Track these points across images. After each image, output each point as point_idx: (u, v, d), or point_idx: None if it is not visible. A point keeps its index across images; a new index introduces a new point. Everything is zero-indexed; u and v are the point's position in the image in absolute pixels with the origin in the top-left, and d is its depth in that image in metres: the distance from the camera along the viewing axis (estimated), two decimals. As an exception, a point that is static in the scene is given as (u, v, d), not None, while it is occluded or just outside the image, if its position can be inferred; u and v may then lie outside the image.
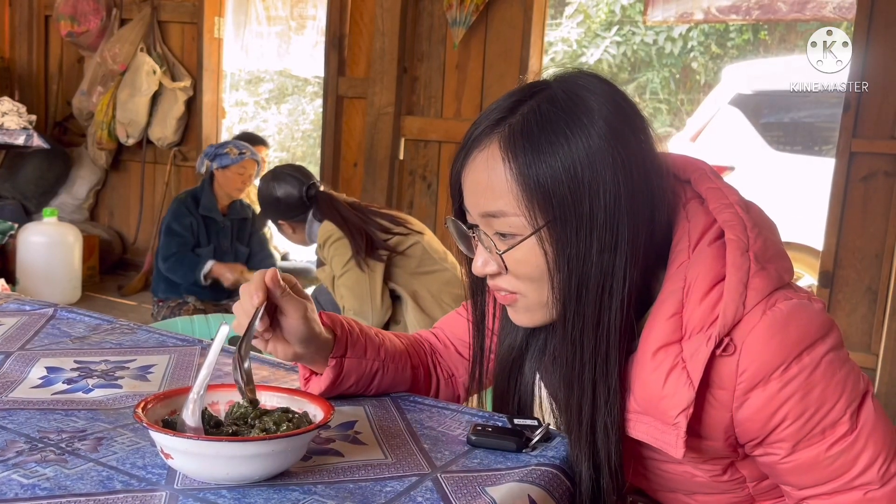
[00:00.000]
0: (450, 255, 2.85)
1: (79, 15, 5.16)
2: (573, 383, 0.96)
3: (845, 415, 0.90)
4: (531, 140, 0.91)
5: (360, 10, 4.40)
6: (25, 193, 5.33)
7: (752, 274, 0.90)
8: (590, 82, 0.95)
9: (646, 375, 0.92)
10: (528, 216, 0.92)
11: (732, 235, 0.93)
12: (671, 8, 3.84)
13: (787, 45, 7.99)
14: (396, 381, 1.13)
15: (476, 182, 0.96)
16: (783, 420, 0.90)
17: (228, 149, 3.77)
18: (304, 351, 1.00)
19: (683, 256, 0.95)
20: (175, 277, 3.72)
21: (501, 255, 0.95)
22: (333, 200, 2.82)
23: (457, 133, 4.14)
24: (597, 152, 0.90)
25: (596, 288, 0.92)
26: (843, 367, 0.91)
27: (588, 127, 0.91)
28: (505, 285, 0.98)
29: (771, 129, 5.72)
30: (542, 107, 0.93)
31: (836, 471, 0.91)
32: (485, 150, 0.94)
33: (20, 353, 1.23)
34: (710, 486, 1.03)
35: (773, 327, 0.88)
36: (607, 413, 0.95)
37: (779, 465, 0.93)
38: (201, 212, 3.77)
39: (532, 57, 3.93)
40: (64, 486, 0.81)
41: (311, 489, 0.84)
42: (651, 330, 0.93)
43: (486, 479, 0.89)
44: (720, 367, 0.90)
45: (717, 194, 0.98)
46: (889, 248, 3.26)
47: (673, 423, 0.90)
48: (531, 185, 0.91)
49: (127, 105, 5.03)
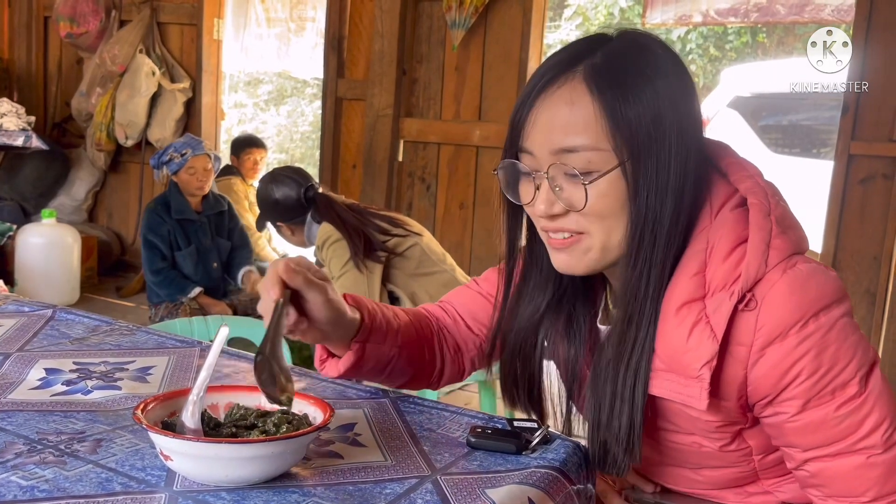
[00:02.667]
0: (448, 257, 2.85)
1: (78, 16, 5.16)
2: (630, 320, 0.97)
3: (855, 377, 0.92)
4: (619, 77, 0.93)
5: (360, 12, 4.40)
6: (24, 194, 5.33)
7: (775, 235, 0.94)
8: (651, 41, 0.98)
9: (670, 331, 0.94)
10: (614, 149, 0.93)
11: (755, 200, 0.97)
12: (669, 10, 3.84)
13: (786, 47, 8.00)
14: (407, 367, 1.13)
15: (553, 117, 0.95)
16: (797, 376, 0.91)
17: (170, 154, 3.73)
18: (333, 331, 1.00)
19: (706, 222, 0.97)
20: (161, 294, 3.73)
21: (586, 185, 0.95)
22: (332, 202, 2.82)
23: (456, 135, 4.14)
24: (675, 99, 0.94)
25: (664, 231, 0.95)
26: (856, 333, 0.94)
27: (666, 74, 0.95)
28: (571, 225, 0.98)
29: (769, 131, 5.73)
30: (623, 49, 0.96)
31: (841, 432, 0.93)
32: (566, 86, 0.95)
33: (19, 354, 1.22)
34: (718, 458, 1.05)
35: (793, 285, 0.91)
36: (642, 366, 0.96)
37: (787, 424, 0.95)
38: (175, 216, 3.75)
39: (531, 59, 3.93)
40: (63, 488, 0.80)
41: (310, 491, 0.84)
42: (674, 288, 0.95)
43: (486, 481, 0.89)
44: (740, 323, 0.92)
45: (738, 167, 1.02)
46: (887, 250, 3.27)
47: (697, 376, 0.92)
48: (619, 119, 0.93)
49: (126, 106, 5.03)
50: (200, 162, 3.76)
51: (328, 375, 1.07)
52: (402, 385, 1.17)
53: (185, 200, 3.78)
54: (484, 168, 4.13)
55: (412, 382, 1.17)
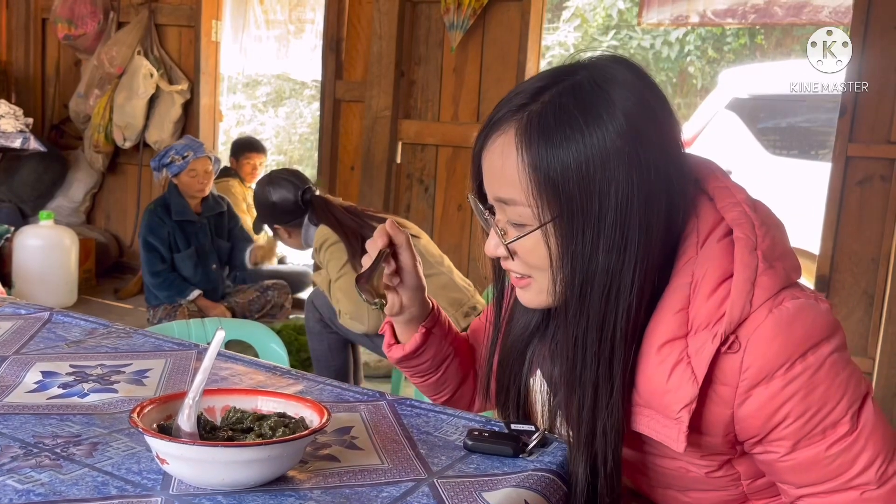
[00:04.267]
0: (446, 259, 2.85)
1: (76, 18, 5.15)
2: (574, 383, 0.96)
3: (846, 415, 0.90)
4: (546, 132, 0.90)
5: (358, 14, 4.40)
6: (22, 196, 5.32)
7: (760, 272, 0.91)
8: (619, 73, 0.92)
9: (650, 369, 0.93)
10: (535, 209, 0.92)
11: (741, 234, 0.93)
12: (666, 11, 3.85)
13: (784, 49, 8.01)
14: (458, 372, 1.20)
15: (492, 166, 0.96)
16: (785, 418, 0.90)
17: (171, 157, 3.74)
18: (411, 304, 1.11)
19: (691, 252, 0.94)
20: (160, 296, 3.73)
21: (507, 245, 0.97)
22: (329, 204, 2.82)
23: (454, 137, 4.14)
24: (612, 151, 0.89)
25: (601, 288, 0.92)
26: (846, 369, 0.91)
27: (606, 123, 0.89)
28: (517, 268, 0.99)
29: (767, 133, 5.73)
30: (563, 98, 0.91)
31: (834, 470, 0.91)
32: (502, 136, 0.94)
33: (15, 357, 1.22)
34: (705, 483, 1.03)
35: (779, 325, 0.88)
36: (608, 416, 0.94)
37: (778, 463, 0.93)
38: (175, 217, 3.75)
39: (529, 61, 3.93)
40: (59, 492, 0.80)
41: (307, 495, 0.83)
42: (657, 324, 0.93)
43: (483, 484, 0.89)
44: (724, 364, 0.90)
45: (725, 193, 0.98)
46: (885, 252, 3.27)
47: (675, 418, 0.91)
48: (541, 178, 0.90)
49: (124, 108, 5.02)
50: (201, 164, 3.76)
51: (393, 358, 1.18)
52: (448, 397, 1.23)
53: (184, 202, 3.78)
54: (482, 170, 4.13)
55: (457, 394, 1.23)
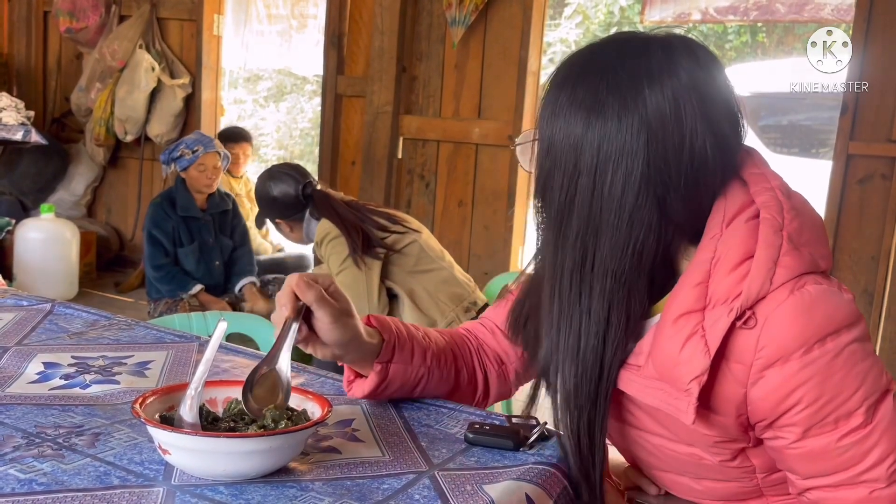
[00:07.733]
0: (447, 254, 2.85)
1: (77, 11, 5.15)
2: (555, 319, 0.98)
3: (861, 407, 0.88)
4: (559, 103, 0.96)
5: (360, 9, 4.40)
6: (23, 189, 5.32)
7: (784, 252, 0.90)
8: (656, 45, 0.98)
9: (665, 341, 0.93)
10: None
11: (767, 215, 0.93)
12: (668, 8, 3.84)
13: (785, 47, 7.99)
14: (440, 385, 1.13)
15: None
16: (797, 402, 0.89)
17: (181, 151, 3.72)
18: (344, 353, 1.00)
19: (716, 230, 0.95)
20: (162, 290, 3.73)
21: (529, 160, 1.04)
22: (330, 199, 2.82)
23: (455, 132, 4.14)
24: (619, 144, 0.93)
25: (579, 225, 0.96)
26: (867, 360, 0.90)
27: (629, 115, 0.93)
28: None
29: (769, 131, 5.73)
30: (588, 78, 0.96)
31: (844, 463, 0.90)
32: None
33: (17, 348, 1.23)
34: (719, 472, 1.02)
35: (799, 307, 0.88)
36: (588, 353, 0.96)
37: (787, 450, 0.92)
38: (180, 213, 3.74)
39: (531, 57, 3.93)
40: (61, 482, 0.81)
41: (308, 486, 0.84)
42: (676, 296, 0.94)
43: (484, 477, 0.89)
44: (739, 340, 0.90)
45: (760, 178, 0.98)
46: (885, 250, 3.27)
47: (685, 389, 0.90)
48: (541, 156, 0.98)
49: (125, 102, 5.02)
50: (211, 159, 3.76)
51: (354, 397, 1.08)
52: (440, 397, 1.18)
53: (190, 197, 3.78)
54: (483, 166, 4.13)
55: (451, 397, 1.18)
